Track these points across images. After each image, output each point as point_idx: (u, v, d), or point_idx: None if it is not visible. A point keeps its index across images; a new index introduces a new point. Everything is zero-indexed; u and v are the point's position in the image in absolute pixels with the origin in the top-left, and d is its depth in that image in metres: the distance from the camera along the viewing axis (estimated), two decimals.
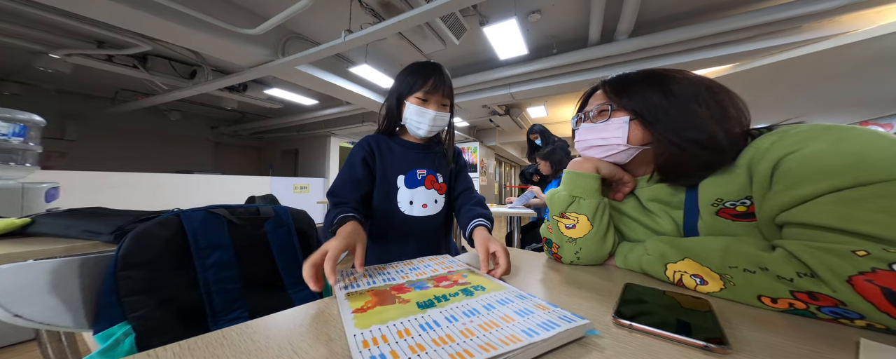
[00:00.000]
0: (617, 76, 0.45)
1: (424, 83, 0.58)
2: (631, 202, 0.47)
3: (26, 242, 0.57)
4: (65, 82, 3.43)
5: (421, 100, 0.58)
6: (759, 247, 0.31)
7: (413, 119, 0.59)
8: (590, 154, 0.47)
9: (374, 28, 1.65)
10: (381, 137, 0.63)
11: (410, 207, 0.61)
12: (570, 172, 0.47)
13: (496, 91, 3.02)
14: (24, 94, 3.57)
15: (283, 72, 2.25)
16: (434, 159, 0.65)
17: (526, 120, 4.90)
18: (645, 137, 0.41)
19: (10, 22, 1.84)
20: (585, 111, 0.48)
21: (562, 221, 0.47)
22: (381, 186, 0.60)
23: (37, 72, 2.81)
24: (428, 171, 0.63)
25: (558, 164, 1.74)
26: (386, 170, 0.61)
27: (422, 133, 0.61)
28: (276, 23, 1.62)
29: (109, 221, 0.60)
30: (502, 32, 2.07)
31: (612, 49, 2.25)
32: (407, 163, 0.62)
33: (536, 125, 2.33)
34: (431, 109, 0.59)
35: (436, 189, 0.64)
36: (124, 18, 1.53)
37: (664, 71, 0.42)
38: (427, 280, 0.36)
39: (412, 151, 0.64)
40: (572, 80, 2.68)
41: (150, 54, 2.48)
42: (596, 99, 0.47)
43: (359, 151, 0.60)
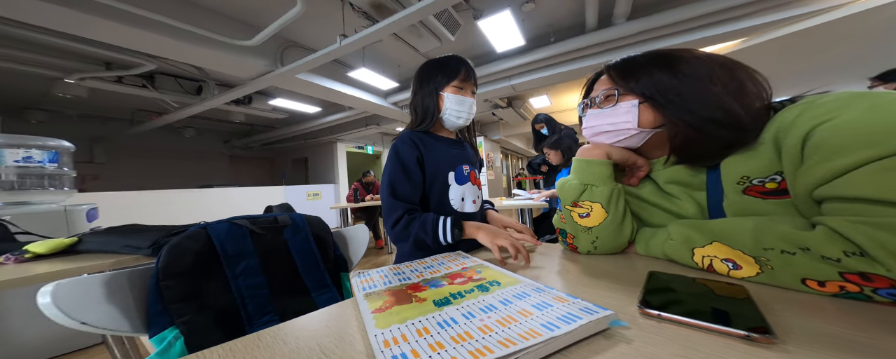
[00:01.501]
0: (621, 59, 0.43)
1: (457, 72, 0.59)
2: (648, 186, 0.45)
3: (76, 258, 0.62)
4: (85, 107, 3.63)
5: (458, 88, 0.60)
6: (797, 225, 0.29)
7: (453, 109, 0.59)
8: (599, 140, 0.45)
9: (368, 31, 1.65)
10: (422, 135, 0.61)
11: (462, 204, 0.61)
12: (579, 160, 0.46)
13: (497, 84, 2.99)
14: (50, 121, 3.80)
15: (283, 81, 2.30)
16: (469, 153, 0.66)
17: (529, 111, 4.83)
18: (657, 119, 0.39)
19: (25, 50, 1.97)
20: (591, 97, 0.46)
21: (575, 211, 0.45)
22: (434, 184, 0.59)
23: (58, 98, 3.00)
24: (470, 166, 0.64)
25: (567, 151, 1.70)
26: (438, 167, 0.59)
27: (461, 122, 0.61)
28: (271, 32, 1.65)
29: (146, 236, 0.66)
30: (497, 25, 2.04)
31: (610, 34, 2.18)
32: (453, 159, 0.62)
33: (541, 115, 2.28)
34: (467, 96, 0.61)
35: (476, 185, 0.65)
36: (122, 37, 1.59)
37: (671, 51, 0.41)
38: (442, 278, 0.36)
39: (452, 146, 0.64)
40: (573, 68, 2.61)
41: (156, 73, 2.59)
42: (601, 84, 0.45)
43: (410, 151, 0.57)
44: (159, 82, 2.64)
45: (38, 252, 0.62)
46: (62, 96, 2.69)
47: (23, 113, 3.57)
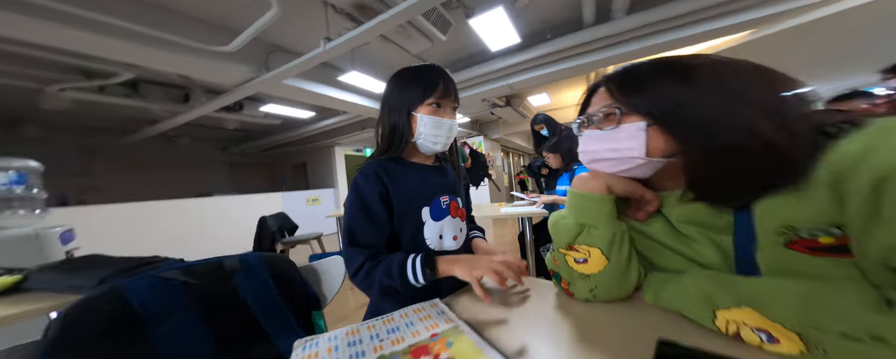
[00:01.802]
0: (622, 69, 0.35)
1: (434, 88, 0.50)
2: (659, 223, 0.37)
3: (20, 300, 0.56)
4: (74, 119, 3.58)
5: (435, 107, 0.50)
6: (867, 302, 0.22)
7: (429, 133, 0.50)
8: (598, 168, 0.37)
9: (353, 34, 1.57)
10: (389, 164, 0.52)
11: (440, 243, 0.53)
12: (575, 194, 0.38)
13: (493, 84, 2.89)
14: (45, 135, 3.76)
15: (269, 87, 2.22)
16: (450, 180, 0.57)
17: (528, 109, 4.73)
18: (669, 145, 0.31)
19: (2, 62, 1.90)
20: (588, 114, 0.38)
21: (570, 255, 0.38)
22: (405, 223, 0.50)
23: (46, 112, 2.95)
24: (450, 196, 0.55)
25: (568, 154, 1.60)
26: (408, 203, 0.50)
27: (438, 148, 0.52)
28: (249, 37, 1.58)
29: (97, 272, 0.59)
30: (490, 22, 1.95)
31: (609, 29, 2.07)
32: (428, 190, 0.53)
33: (540, 115, 2.18)
34: (447, 117, 0.51)
35: (459, 216, 0.56)
36: (93, 46, 1.52)
37: (684, 58, 0.33)
38: (403, 354, 0.30)
39: (429, 174, 0.55)
40: (572, 65, 2.51)
41: (140, 81, 2.53)
42: (600, 98, 0.37)
43: (371, 187, 0.48)
44: (144, 91, 2.57)
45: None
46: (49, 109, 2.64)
47: (16, 126, 3.54)
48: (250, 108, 3.12)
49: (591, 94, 0.40)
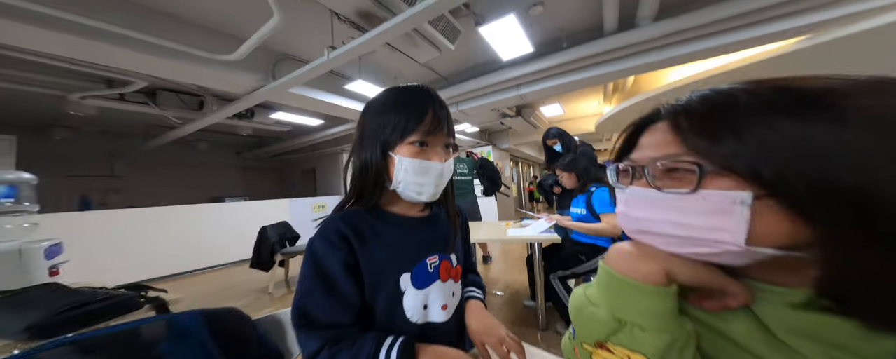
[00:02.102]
0: (700, 97, 0.22)
1: (420, 119, 0.38)
2: (744, 322, 0.23)
3: None
4: (101, 123, 3.77)
5: (418, 146, 0.38)
6: None
7: (411, 181, 0.39)
8: (652, 243, 0.24)
9: (356, 42, 1.51)
10: (360, 218, 0.40)
11: (425, 314, 0.41)
12: (611, 276, 0.25)
13: (504, 94, 2.78)
14: (73, 138, 3.99)
15: (277, 96, 2.21)
16: (442, 232, 0.45)
17: (540, 120, 4.57)
18: (793, 229, 0.18)
19: (27, 70, 2.00)
20: (635, 162, 0.25)
21: (600, 355, 0.25)
22: (379, 293, 0.39)
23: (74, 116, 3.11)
24: (440, 255, 0.43)
25: (585, 174, 1.44)
26: (382, 270, 0.39)
27: (424, 198, 0.40)
28: (252, 45, 1.55)
29: (34, 312, 0.52)
30: (501, 31, 1.85)
31: (634, 37, 1.92)
32: (410, 252, 0.41)
33: (553, 129, 2.03)
34: (436, 160, 0.39)
35: (452, 278, 0.45)
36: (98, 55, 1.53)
37: (804, 81, 0.20)
38: None
39: (413, 229, 0.43)
40: (589, 75, 2.36)
41: (158, 89, 2.61)
42: (659, 139, 0.24)
43: (332, 254, 0.37)
44: (161, 99, 2.65)
45: None
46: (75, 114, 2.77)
47: (46, 130, 3.76)
48: (261, 115, 3.16)
49: (640, 130, 0.27)
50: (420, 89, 0.41)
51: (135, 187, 4.74)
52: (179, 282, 2.68)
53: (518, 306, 1.79)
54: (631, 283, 0.23)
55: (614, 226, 1.25)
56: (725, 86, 0.22)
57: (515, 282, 2.25)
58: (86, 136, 4.13)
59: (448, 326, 0.43)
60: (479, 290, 0.52)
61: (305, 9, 1.56)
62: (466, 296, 0.49)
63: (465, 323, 0.45)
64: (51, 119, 3.48)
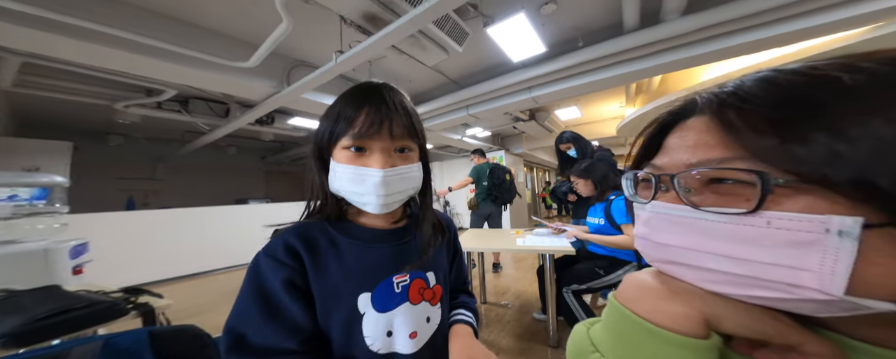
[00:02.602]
0: (757, 81, 0.16)
1: (353, 119, 0.33)
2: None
3: None
4: (146, 130, 4.18)
5: (352, 152, 0.33)
6: None
7: (348, 190, 0.34)
8: (683, 277, 0.18)
9: (361, 46, 1.53)
10: (318, 229, 0.36)
11: (389, 343, 0.35)
12: (626, 318, 0.18)
13: (515, 97, 2.69)
14: (125, 143, 4.47)
15: (290, 101, 2.30)
16: (418, 247, 0.39)
17: (555, 123, 4.39)
18: None
19: (79, 82, 2.24)
20: (659, 170, 0.19)
21: None
22: (332, 317, 0.34)
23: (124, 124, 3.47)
24: (413, 273, 0.38)
25: (603, 182, 1.31)
26: (335, 289, 0.34)
27: (371, 209, 0.35)
28: (265, 52, 1.62)
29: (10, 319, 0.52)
30: (511, 31, 1.80)
31: (658, 33, 1.77)
32: (371, 268, 0.36)
33: (566, 133, 1.91)
34: (374, 166, 0.33)
35: (427, 300, 0.38)
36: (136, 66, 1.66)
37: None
38: None
39: (379, 243, 0.38)
40: (608, 76, 2.22)
41: (189, 97, 2.82)
42: (688, 137, 0.18)
43: (274, 269, 0.33)
44: (192, 106, 2.87)
45: None
46: (123, 122, 3.09)
47: (104, 137, 4.24)
48: (280, 120, 3.32)
49: (666, 129, 0.20)
50: (361, 86, 0.36)
51: (172, 189, 5.18)
52: (200, 280, 2.81)
53: (527, 319, 1.66)
54: (652, 329, 0.16)
55: None
56: (797, 65, 0.15)
57: (525, 292, 2.10)
58: (135, 142, 4.60)
59: (422, 356, 0.36)
60: (470, 313, 0.44)
61: (314, 14, 1.60)
62: (452, 320, 0.43)
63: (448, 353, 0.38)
64: (106, 127, 3.91)
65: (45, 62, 1.79)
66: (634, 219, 0.22)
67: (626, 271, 1.18)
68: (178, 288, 2.56)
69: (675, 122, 0.20)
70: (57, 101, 2.43)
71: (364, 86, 0.36)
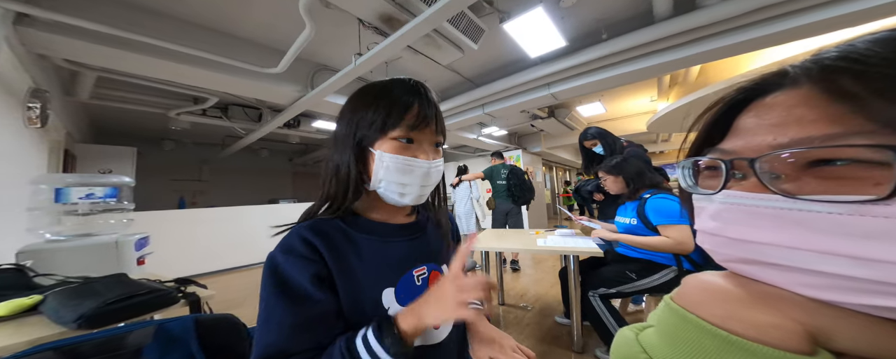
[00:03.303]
0: (872, 42, 0.13)
1: (405, 112, 0.34)
2: None
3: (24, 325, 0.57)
4: (194, 136, 4.67)
5: (403, 142, 0.34)
6: None
7: (392, 180, 0.34)
8: (770, 280, 0.15)
9: (379, 47, 1.57)
10: (331, 226, 0.35)
11: None
12: (696, 327, 0.15)
13: (533, 94, 2.62)
14: (177, 148, 5.03)
15: (314, 105, 2.43)
16: (431, 240, 0.41)
17: (577, 120, 4.19)
18: None
19: (138, 93, 2.57)
20: (732, 155, 0.17)
21: None
22: (356, 310, 0.33)
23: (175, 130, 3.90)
24: (429, 265, 0.38)
25: (637, 179, 1.21)
26: (359, 285, 0.34)
27: (407, 200, 0.36)
28: (291, 57, 1.73)
29: (89, 302, 0.57)
30: (528, 26, 1.75)
31: (695, 19, 1.61)
32: (393, 262, 0.36)
33: (591, 129, 1.79)
34: (422, 158, 0.34)
35: None
36: (184, 76, 1.85)
37: None
38: None
39: (396, 238, 0.38)
40: (636, 68, 2.07)
41: (229, 104, 3.10)
42: (774, 114, 0.15)
43: (300, 268, 0.31)
44: (231, 112, 3.15)
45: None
46: (175, 129, 3.48)
47: (160, 143, 4.80)
48: (305, 124, 3.53)
49: (736, 109, 0.18)
50: (406, 81, 0.36)
51: (215, 189, 5.71)
52: (235, 275, 3.05)
53: (548, 322, 1.58)
54: (731, 339, 0.14)
55: (681, 242, 1.01)
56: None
57: (546, 295, 2.01)
58: (184, 146, 5.16)
59: (446, 346, 0.37)
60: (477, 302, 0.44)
61: (334, 18, 1.68)
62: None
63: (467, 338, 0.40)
64: (162, 133, 4.43)
65: (114, 76, 2.08)
66: (692, 214, 0.19)
67: (665, 275, 1.07)
68: (216, 281, 2.80)
69: (748, 100, 0.17)
70: (123, 110, 2.81)
71: (407, 81, 0.36)
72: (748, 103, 0.17)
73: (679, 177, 0.20)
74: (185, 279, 0.81)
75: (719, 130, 0.18)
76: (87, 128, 3.47)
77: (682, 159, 0.20)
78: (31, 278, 0.80)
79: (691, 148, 0.20)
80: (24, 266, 0.83)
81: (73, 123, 2.75)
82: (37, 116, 1.48)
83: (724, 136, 0.18)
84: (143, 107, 2.73)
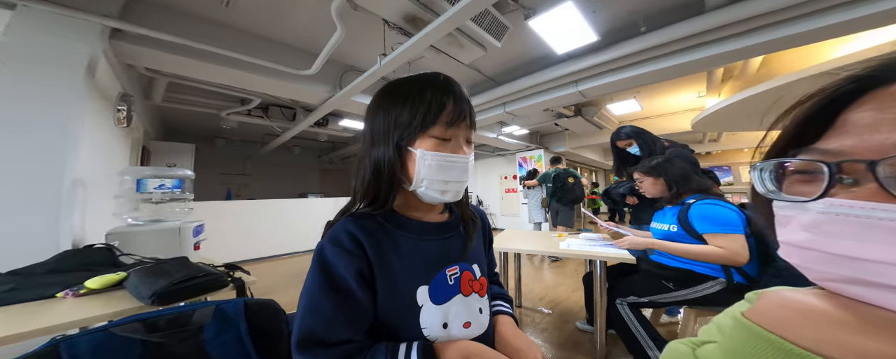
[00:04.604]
0: None
1: (440, 110, 0.34)
2: None
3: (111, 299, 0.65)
4: (240, 134, 5.18)
5: (440, 140, 0.34)
6: None
7: (433, 179, 0.35)
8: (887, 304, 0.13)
9: (403, 47, 1.62)
10: (374, 222, 0.36)
11: (446, 334, 0.36)
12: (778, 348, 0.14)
13: (559, 92, 2.51)
14: (226, 145, 5.62)
15: (342, 104, 2.57)
16: (463, 238, 0.40)
17: (607, 119, 3.92)
18: None
19: (197, 95, 2.91)
20: (841, 156, 0.15)
21: None
22: (392, 310, 0.35)
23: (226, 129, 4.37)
24: (461, 265, 0.38)
25: (682, 182, 1.09)
26: (397, 282, 0.35)
27: (449, 197, 0.36)
28: (323, 59, 1.84)
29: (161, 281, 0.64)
30: (556, 21, 1.68)
31: (756, 6, 1.42)
32: (428, 261, 0.37)
33: (626, 127, 1.63)
34: (460, 154, 0.35)
35: (476, 292, 0.39)
36: (235, 79, 2.06)
37: None
38: None
39: (431, 236, 0.38)
40: (681, 62, 1.90)
41: (269, 105, 3.40)
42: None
43: (346, 261, 0.33)
44: (271, 112, 3.45)
45: (92, 288, 0.68)
46: (226, 127, 3.91)
47: (213, 140, 5.41)
48: (333, 123, 3.75)
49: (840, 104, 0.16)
50: (436, 77, 0.36)
51: (256, 183, 6.29)
52: (270, 263, 3.33)
53: (569, 328, 1.52)
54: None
55: (736, 252, 0.90)
56: None
57: (567, 299, 1.93)
58: (233, 143, 5.74)
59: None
60: (507, 303, 0.45)
61: (361, 20, 1.75)
62: (494, 310, 0.44)
63: (494, 343, 0.40)
64: (214, 131, 4.97)
65: (181, 81, 2.39)
66: (769, 223, 0.17)
67: (709, 286, 0.97)
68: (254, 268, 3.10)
69: (861, 90, 0.15)
70: (186, 111, 3.21)
71: (439, 76, 0.36)
72: (862, 94, 0.15)
73: (755, 181, 0.17)
74: (233, 265, 0.88)
75: (815, 128, 0.16)
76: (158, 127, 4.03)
77: (759, 161, 0.17)
78: (117, 256, 0.94)
79: (772, 148, 0.18)
80: (113, 246, 0.98)
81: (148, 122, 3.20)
82: (124, 117, 1.76)
83: (821, 134, 0.16)
84: (201, 108, 3.10)
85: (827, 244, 0.14)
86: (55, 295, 0.66)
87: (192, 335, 0.43)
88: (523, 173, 3.98)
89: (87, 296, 0.67)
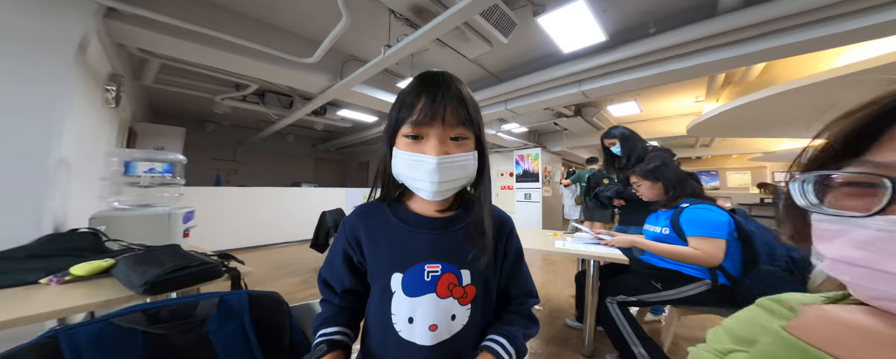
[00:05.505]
0: None
1: (411, 109, 0.34)
2: None
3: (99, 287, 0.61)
4: (232, 119, 5.02)
5: (410, 138, 0.35)
6: None
7: (405, 175, 0.36)
8: None
9: (409, 39, 1.57)
10: (377, 209, 0.42)
11: (409, 329, 0.36)
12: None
13: (561, 91, 2.50)
14: (218, 130, 5.43)
15: (342, 94, 2.50)
16: (460, 239, 0.39)
17: (606, 120, 3.94)
18: None
19: (190, 78, 2.79)
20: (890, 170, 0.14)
21: None
22: (374, 284, 0.40)
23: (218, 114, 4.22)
24: (444, 265, 0.37)
25: (678, 186, 1.11)
26: (379, 264, 0.39)
27: (425, 195, 0.36)
28: (326, 47, 1.78)
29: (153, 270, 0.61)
30: (566, 20, 1.65)
31: (773, 9, 1.40)
32: (408, 250, 0.38)
33: (616, 128, 1.67)
34: (430, 153, 0.34)
35: (455, 298, 0.37)
36: (231, 64, 1.97)
37: None
38: None
39: (421, 229, 0.39)
40: (685, 65, 1.90)
41: (266, 92, 3.29)
42: None
43: (342, 236, 0.43)
44: (267, 99, 3.35)
45: (78, 275, 0.64)
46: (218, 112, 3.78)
47: (203, 124, 5.22)
48: (330, 112, 3.67)
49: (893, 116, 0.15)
50: (423, 75, 0.37)
51: (247, 169, 6.15)
52: (261, 252, 3.28)
53: (558, 324, 1.56)
54: None
55: (710, 254, 0.95)
56: None
57: (558, 296, 1.97)
58: (224, 128, 5.56)
59: (430, 353, 0.35)
60: (511, 342, 0.38)
61: (367, 9, 1.69)
62: (484, 343, 0.38)
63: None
64: (206, 116, 4.80)
65: (175, 63, 2.27)
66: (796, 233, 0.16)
67: (695, 287, 1.01)
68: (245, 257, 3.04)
69: None
70: (178, 94, 3.08)
71: (425, 75, 0.37)
72: None
73: (795, 193, 0.17)
74: (226, 254, 0.84)
75: (868, 138, 0.15)
76: (146, 108, 3.87)
77: (799, 172, 0.17)
78: (103, 242, 0.89)
79: (813, 159, 0.17)
80: (99, 231, 0.91)
81: (136, 103, 3.06)
82: (112, 98, 1.68)
83: (869, 147, 0.15)
84: (194, 92, 2.98)
85: (884, 263, 0.13)
86: (38, 281, 0.62)
87: (195, 327, 0.42)
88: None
89: (72, 283, 0.63)
